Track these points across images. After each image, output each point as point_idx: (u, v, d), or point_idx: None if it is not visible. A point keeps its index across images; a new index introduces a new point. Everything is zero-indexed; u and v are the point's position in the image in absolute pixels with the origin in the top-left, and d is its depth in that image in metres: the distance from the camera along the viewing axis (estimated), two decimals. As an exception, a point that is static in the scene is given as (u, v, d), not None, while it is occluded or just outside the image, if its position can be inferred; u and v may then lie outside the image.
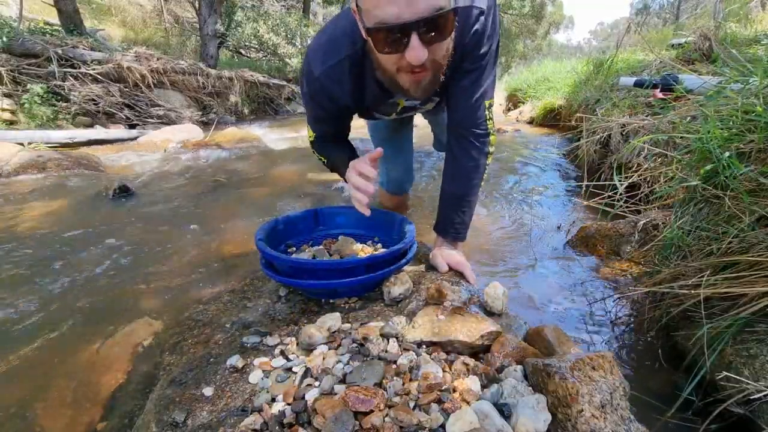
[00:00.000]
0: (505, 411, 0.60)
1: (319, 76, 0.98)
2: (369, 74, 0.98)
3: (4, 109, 4.26)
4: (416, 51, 0.76)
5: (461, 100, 1.04)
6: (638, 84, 2.37)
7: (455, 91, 1.05)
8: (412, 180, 1.79)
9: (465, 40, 0.93)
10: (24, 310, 1.14)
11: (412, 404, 0.62)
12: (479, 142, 1.07)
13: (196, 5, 8.49)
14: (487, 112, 1.05)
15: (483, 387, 0.67)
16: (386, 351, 0.76)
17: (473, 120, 1.05)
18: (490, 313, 0.91)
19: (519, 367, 0.70)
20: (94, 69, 4.78)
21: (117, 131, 4.50)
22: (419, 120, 1.76)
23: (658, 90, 2.17)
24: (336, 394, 0.65)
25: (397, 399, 0.63)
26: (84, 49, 4.91)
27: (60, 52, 4.63)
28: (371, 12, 0.75)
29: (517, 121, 5.61)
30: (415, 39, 0.75)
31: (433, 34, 0.76)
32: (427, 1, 0.72)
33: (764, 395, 0.67)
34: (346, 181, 1.09)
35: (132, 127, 4.88)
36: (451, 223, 1.12)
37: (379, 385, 0.66)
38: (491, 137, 1.08)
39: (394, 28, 0.74)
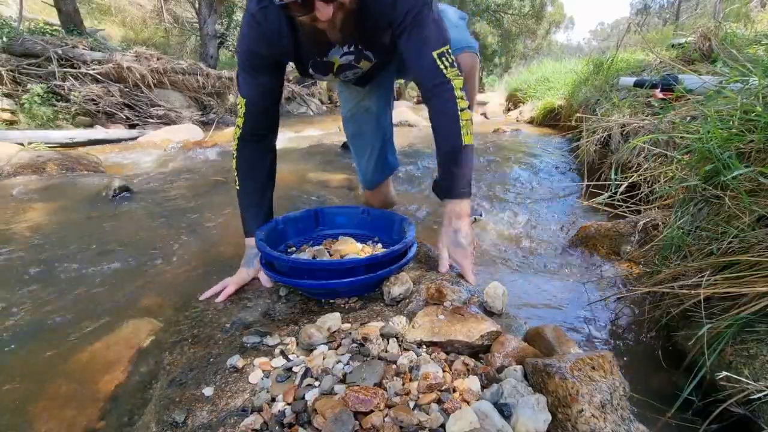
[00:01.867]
0: (505, 411, 0.60)
1: (255, 13, 1.01)
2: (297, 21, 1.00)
3: (4, 109, 4.26)
4: (322, 12, 0.87)
5: (410, 61, 1.07)
6: (638, 84, 2.37)
7: (404, 57, 1.08)
8: (389, 170, 1.71)
9: (379, 7, 0.99)
10: (24, 310, 1.14)
11: (412, 404, 0.62)
12: (444, 90, 1.05)
13: (196, 5, 8.50)
14: (438, 62, 1.04)
15: (483, 387, 0.67)
16: (386, 351, 0.76)
17: (430, 74, 1.05)
18: (490, 313, 0.91)
19: (519, 367, 0.70)
20: (94, 69, 4.78)
21: (117, 131, 4.51)
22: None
23: (658, 90, 2.17)
24: (336, 394, 0.65)
25: (397, 399, 0.63)
26: (84, 49, 4.91)
27: (60, 52, 4.64)
28: None
29: (517, 121, 5.62)
30: (318, 3, 0.86)
31: None
32: None
33: (764, 395, 0.67)
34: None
35: (132, 127, 4.88)
36: (454, 180, 1.08)
37: (379, 385, 0.66)
38: (454, 82, 1.05)
39: (297, 2, 0.85)
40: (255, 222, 1.13)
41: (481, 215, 1.08)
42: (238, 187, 1.14)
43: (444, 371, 0.70)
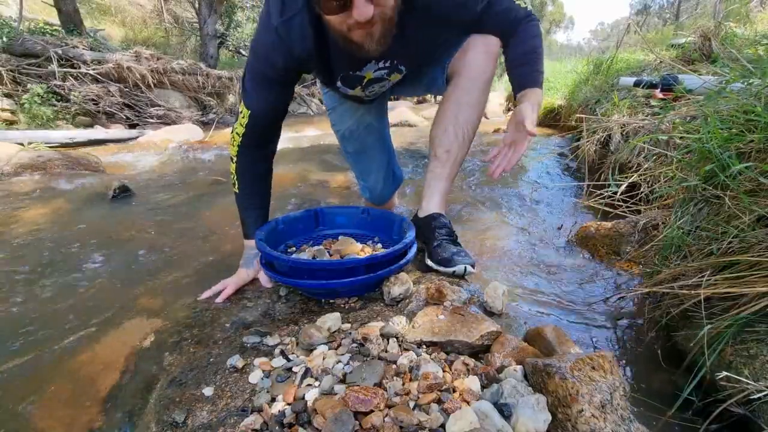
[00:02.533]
0: (505, 411, 0.60)
1: (278, 26, 0.92)
2: (330, 31, 0.93)
3: (4, 109, 4.26)
4: (361, 9, 0.77)
5: (495, 21, 1.06)
6: (638, 84, 2.37)
7: (488, 24, 1.07)
8: (396, 183, 1.67)
9: (443, 11, 0.97)
10: (24, 310, 1.14)
11: (412, 404, 0.62)
12: (533, 22, 1.08)
13: (196, 5, 8.50)
14: (518, 2, 1.06)
15: (483, 387, 0.67)
16: (386, 351, 0.76)
17: (515, 18, 1.06)
18: (490, 313, 0.91)
19: (519, 367, 0.70)
20: (94, 69, 4.78)
21: (117, 131, 4.51)
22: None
23: (658, 90, 2.17)
24: (336, 394, 0.65)
25: (397, 399, 0.63)
26: (84, 49, 4.91)
27: (60, 52, 4.64)
28: None
29: (517, 121, 5.60)
30: (358, 1, 0.77)
31: None
32: None
33: (764, 395, 0.67)
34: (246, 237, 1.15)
35: (132, 127, 4.88)
36: (532, 72, 1.10)
37: (379, 385, 0.66)
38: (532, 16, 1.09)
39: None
40: (255, 225, 1.12)
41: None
42: (237, 191, 1.12)
43: (444, 371, 0.70)
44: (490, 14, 1.04)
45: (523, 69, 1.10)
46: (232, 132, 1.08)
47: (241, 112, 1.04)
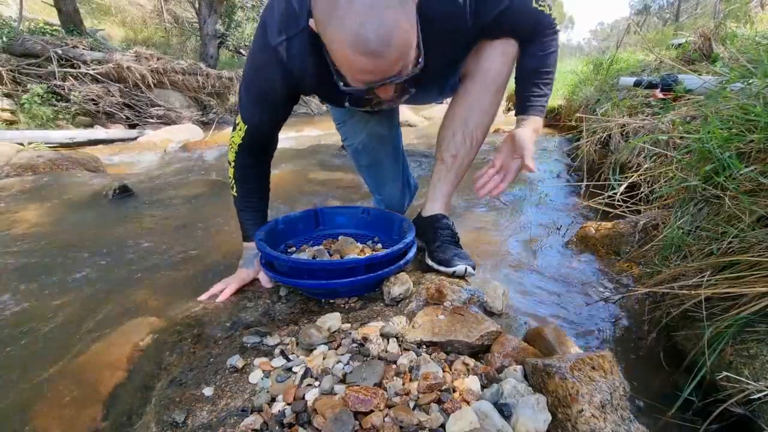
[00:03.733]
0: (505, 411, 0.60)
1: (277, 47, 0.87)
2: None
3: (4, 109, 4.27)
4: (387, 95, 0.82)
5: (516, 22, 1.00)
6: (638, 84, 2.37)
7: (514, 30, 1.02)
8: (412, 194, 1.64)
9: (478, 17, 0.92)
10: (23, 310, 1.14)
11: (412, 404, 0.62)
12: (552, 35, 1.03)
13: (196, 5, 8.51)
14: (539, 7, 0.98)
15: (483, 387, 0.67)
16: (386, 351, 0.76)
17: (539, 20, 1.00)
18: (490, 313, 0.91)
19: (519, 367, 0.70)
20: (94, 69, 4.78)
21: (117, 131, 4.51)
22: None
23: (658, 90, 2.17)
24: (336, 394, 0.65)
25: (397, 399, 0.63)
26: (84, 49, 4.91)
27: (60, 52, 4.64)
28: (340, 70, 0.77)
29: (517, 121, 5.60)
30: (379, 90, 0.80)
31: (400, 78, 0.78)
32: (393, 64, 0.73)
33: (764, 395, 0.67)
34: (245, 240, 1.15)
35: (132, 127, 4.89)
36: (539, 96, 1.07)
37: (379, 385, 0.66)
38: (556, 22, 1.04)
39: (365, 89, 0.79)
40: (254, 227, 1.11)
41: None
42: (235, 194, 1.12)
43: (444, 371, 0.70)
44: (512, 13, 0.97)
45: (532, 90, 1.07)
46: (230, 138, 1.08)
47: (237, 124, 1.04)
